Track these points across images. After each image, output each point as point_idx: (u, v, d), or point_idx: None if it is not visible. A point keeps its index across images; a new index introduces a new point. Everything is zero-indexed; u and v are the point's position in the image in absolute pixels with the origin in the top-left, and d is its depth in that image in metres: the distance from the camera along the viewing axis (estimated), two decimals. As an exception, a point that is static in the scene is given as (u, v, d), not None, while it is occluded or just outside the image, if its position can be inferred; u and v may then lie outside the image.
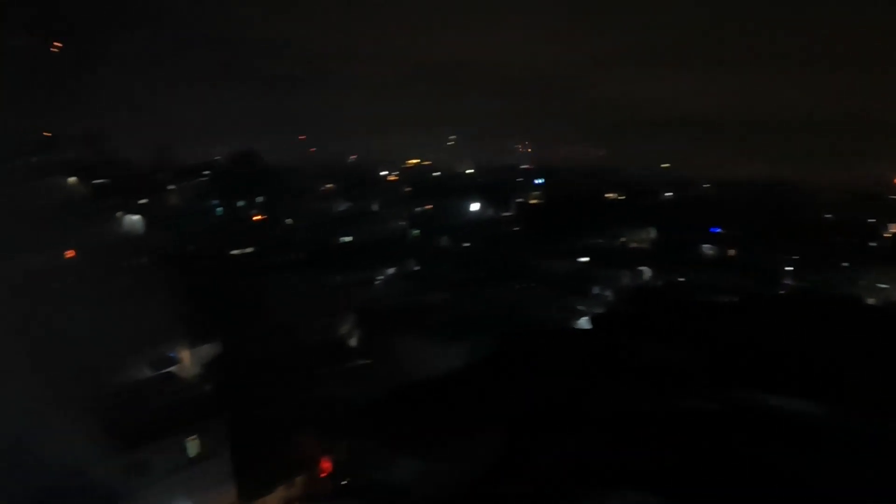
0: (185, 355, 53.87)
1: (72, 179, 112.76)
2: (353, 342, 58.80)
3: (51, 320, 53.03)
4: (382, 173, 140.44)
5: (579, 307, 66.14)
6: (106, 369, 49.83)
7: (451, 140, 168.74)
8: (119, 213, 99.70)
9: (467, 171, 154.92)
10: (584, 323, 62.78)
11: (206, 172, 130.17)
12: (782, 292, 75.76)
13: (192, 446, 40.73)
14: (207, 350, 53.96)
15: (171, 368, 52.61)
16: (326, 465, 42.69)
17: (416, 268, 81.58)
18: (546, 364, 43.54)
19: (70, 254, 77.43)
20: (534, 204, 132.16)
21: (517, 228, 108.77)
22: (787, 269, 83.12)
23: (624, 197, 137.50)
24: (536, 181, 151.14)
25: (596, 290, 73.35)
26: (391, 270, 79.20)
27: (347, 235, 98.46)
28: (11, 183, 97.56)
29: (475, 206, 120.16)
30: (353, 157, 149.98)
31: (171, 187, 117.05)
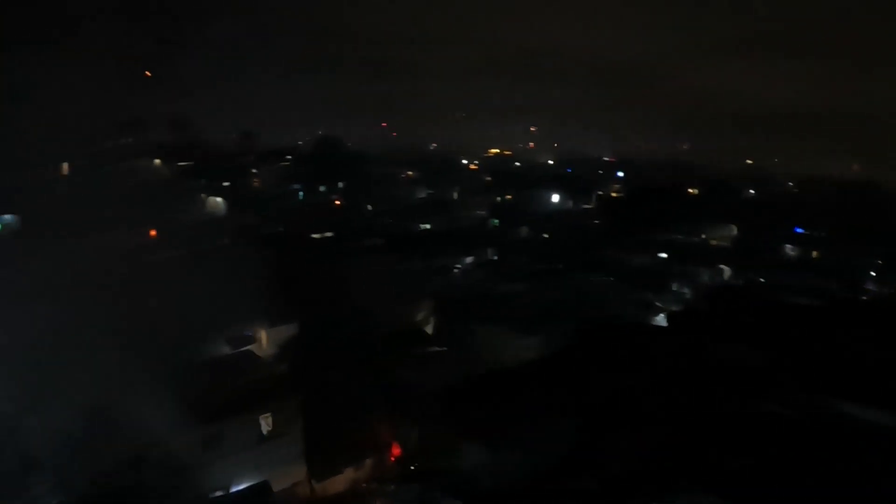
0: (263, 335, 54.82)
1: (157, 161, 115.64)
2: (429, 329, 59.12)
3: (135, 296, 54.72)
4: (463, 162, 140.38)
5: (657, 303, 65.55)
6: (186, 345, 51.17)
7: (533, 129, 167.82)
8: (202, 195, 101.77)
9: (548, 162, 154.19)
10: (661, 319, 62.06)
11: (289, 157, 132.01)
12: (866, 297, 73.98)
13: (266, 424, 41.54)
14: (285, 331, 54.85)
15: (249, 347, 53.61)
16: (396, 449, 43.12)
17: (495, 257, 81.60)
18: (621, 359, 43.16)
19: (153, 233, 79.45)
20: (614, 197, 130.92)
21: (597, 221, 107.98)
22: (872, 273, 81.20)
23: (706, 193, 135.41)
24: (618, 174, 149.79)
25: (674, 286, 72.69)
26: (469, 259, 79.35)
27: (427, 223, 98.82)
28: (100, 164, 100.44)
29: (555, 198, 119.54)
30: (434, 146, 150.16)
31: (254, 171, 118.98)
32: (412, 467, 42.21)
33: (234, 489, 38.84)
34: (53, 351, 48.50)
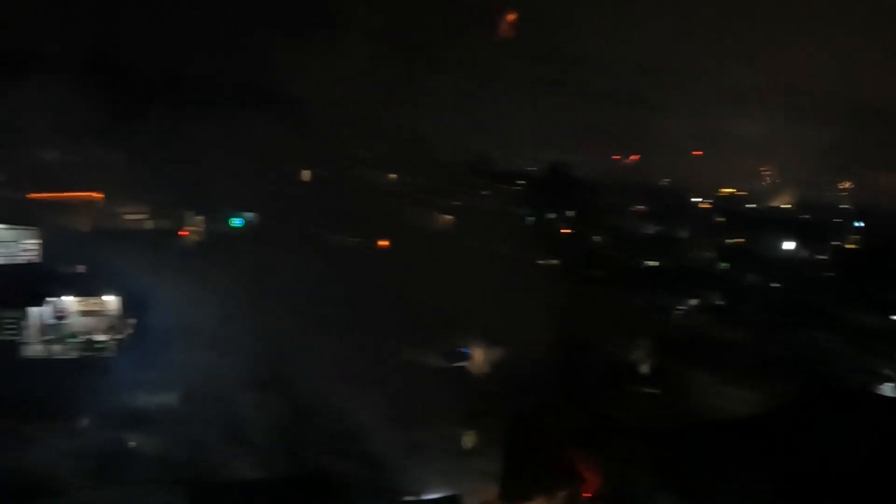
0: (478, 352, 56.47)
1: (392, 176, 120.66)
2: (644, 368, 58.38)
3: (357, 298, 57.81)
4: (694, 200, 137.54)
5: (885, 371, 62.20)
6: (405, 351, 53.59)
7: (769, 170, 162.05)
8: (432, 211, 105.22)
9: (783, 206, 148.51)
10: (888, 390, 59.11)
11: (521, 182, 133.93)
12: None
13: (468, 439, 42.81)
14: (500, 351, 56.29)
15: (463, 363, 55.38)
16: (591, 486, 43.05)
17: (720, 302, 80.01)
18: (839, 428, 41.48)
19: (384, 243, 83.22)
20: (851, 248, 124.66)
21: (830, 274, 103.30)
22: None
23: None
24: (856, 223, 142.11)
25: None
26: (694, 301, 78.22)
27: (653, 260, 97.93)
28: (340, 172, 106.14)
29: (788, 245, 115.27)
30: (665, 181, 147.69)
31: (485, 192, 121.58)
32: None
33: (425, 496, 39.97)
34: (277, 339, 52.45)
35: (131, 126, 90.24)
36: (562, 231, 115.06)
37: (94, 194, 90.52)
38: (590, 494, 42.48)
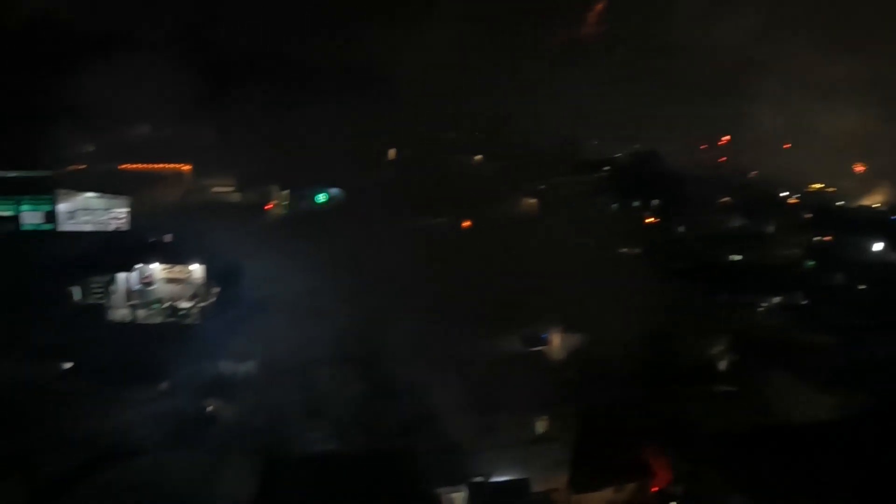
0: (557, 338, 56.38)
1: (478, 157, 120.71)
2: (722, 366, 57.35)
3: (438, 278, 58.25)
4: (783, 194, 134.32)
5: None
6: (481, 335, 53.80)
7: (862, 168, 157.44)
8: (518, 194, 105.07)
9: (874, 206, 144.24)
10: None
11: (606, 168, 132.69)
12: None
13: (541, 425, 42.92)
14: (578, 339, 56.01)
15: (540, 348, 55.40)
16: (660, 481, 42.36)
17: (804, 302, 78.35)
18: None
19: (467, 224, 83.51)
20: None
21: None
22: None
23: None
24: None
25: None
26: (777, 300, 76.74)
27: (737, 254, 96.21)
28: (425, 154, 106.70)
29: (878, 246, 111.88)
30: (753, 173, 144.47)
31: (569, 178, 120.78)
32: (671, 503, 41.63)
33: (494, 479, 40.41)
34: (359, 315, 53.22)
35: (221, 102, 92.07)
36: (646, 220, 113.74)
37: (183, 167, 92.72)
38: (658, 489, 42.56)
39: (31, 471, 38.13)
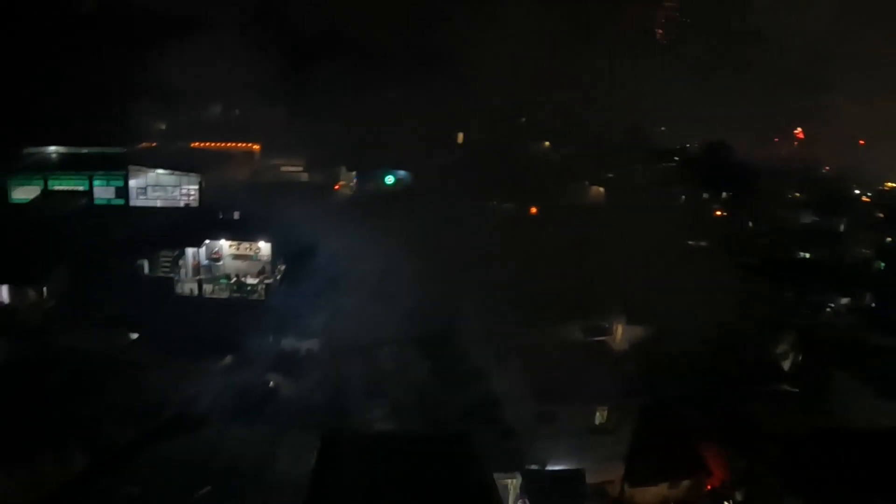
0: (619, 329, 56.15)
1: (546, 144, 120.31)
2: (786, 365, 56.52)
3: (503, 264, 58.36)
4: (856, 192, 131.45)
5: None
6: (545, 323, 53.81)
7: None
8: (584, 182, 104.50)
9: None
10: None
11: (676, 158, 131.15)
12: None
13: (600, 416, 42.81)
14: (641, 330, 55.68)
15: (604, 338, 55.23)
16: (716, 479, 42.16)
17: (873, 304, 76.61)
18: None
19: (533, 210, 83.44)
20: None
21: None
22: None
23: None
24: None
25: None
26: (845, 300, 75.15)
27: (807, 251, 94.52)
28: (494, 139, 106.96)
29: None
30: (826, 169, 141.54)
31: (639, 167, 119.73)
32: (726, 502, 41.33)
33: (549, 468, 40.59)
34: (423, 298, 53.64)
35: (292, 83, 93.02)
36: (715, 213, 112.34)
37: (253, 146, 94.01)
38: (712, 488, 42.32)
39: (94, 438, 39.09)
